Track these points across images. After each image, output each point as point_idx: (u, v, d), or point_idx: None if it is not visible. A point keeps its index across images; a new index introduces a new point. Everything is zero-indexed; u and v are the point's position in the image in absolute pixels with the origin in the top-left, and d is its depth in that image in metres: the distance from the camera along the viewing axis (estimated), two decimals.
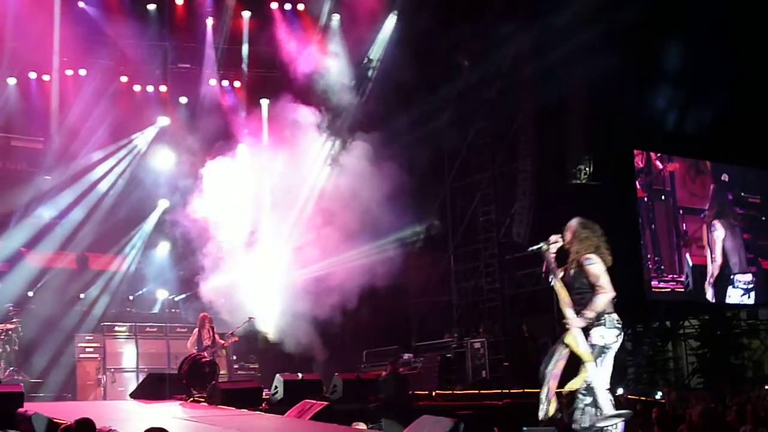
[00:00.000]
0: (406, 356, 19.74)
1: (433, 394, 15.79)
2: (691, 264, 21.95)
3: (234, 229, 19.19)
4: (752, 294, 22.72)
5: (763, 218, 23.49)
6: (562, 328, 7.62)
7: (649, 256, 21.36)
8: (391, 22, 20.99)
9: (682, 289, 21.71)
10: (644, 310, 21.28)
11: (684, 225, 22.30)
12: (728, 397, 16.41)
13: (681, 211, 22.26)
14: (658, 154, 22.10)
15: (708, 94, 20.33)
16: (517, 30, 20.57)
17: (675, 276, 21.69)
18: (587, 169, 21.57)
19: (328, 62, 20.65)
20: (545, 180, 21.17)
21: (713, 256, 22.42)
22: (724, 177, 23.14)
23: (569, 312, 7.64)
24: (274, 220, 20.03)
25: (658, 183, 22.14)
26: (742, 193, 23.52)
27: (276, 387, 13.83)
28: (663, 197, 22.12)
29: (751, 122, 20.42)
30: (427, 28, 19.92)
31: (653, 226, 21.72)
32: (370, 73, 21.17)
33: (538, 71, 20.46)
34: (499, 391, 16.08)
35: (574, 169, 21.57)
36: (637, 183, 21.62)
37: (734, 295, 22.55)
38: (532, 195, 21.18)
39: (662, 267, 21.60)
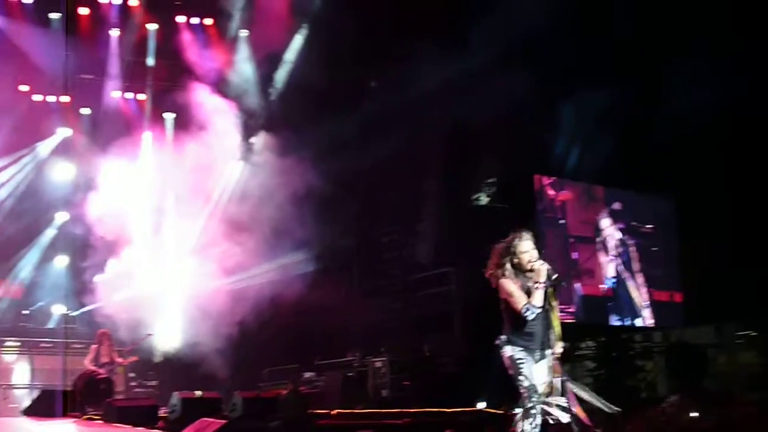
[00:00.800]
0: (307, 375, 19.67)
1: (334, 413, 15.76)
2: (580, 294, 21.44)
3: (135, 241, 18.89)
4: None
5: (654, 248, 23.03)
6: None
7: None
8: (300, 38, 20.98)
9: (572, 320, 21.51)
10: None
11: (575, 254, 21.75)
12: (623, 417, 16.82)
13: (572, 240, 21.74)
14: (551, 180, 21.32)
15: (606, 120, 20.57)
16: (427, 52, 20.76)
17: (564, 306, 21.37)
18: (492, 191, 21.83)
19: (236, 72, 20.59)
20: (451, 201, 21.36)
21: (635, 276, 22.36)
22: (617, 205, 22.55)
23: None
24: (179, 231, 19.77)
25: (551, 210, 21.78)
26: (634, 222, 22.84)
27: (174, 405, 13.63)
28: (555, 224, 21.53)
29: (646, 148, 20.73)
30: (338, 46, 19.97)
31: (543, 252, 21.45)
32: (278, 85, 21.09)
33: (447, 92, 20.66)
34: (400, 410, 16.13)
35: (478, 191, 21.81)
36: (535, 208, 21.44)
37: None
38: (438, 216, 21.35)
39: None
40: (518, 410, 7.34)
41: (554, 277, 7.59)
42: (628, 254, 22.39)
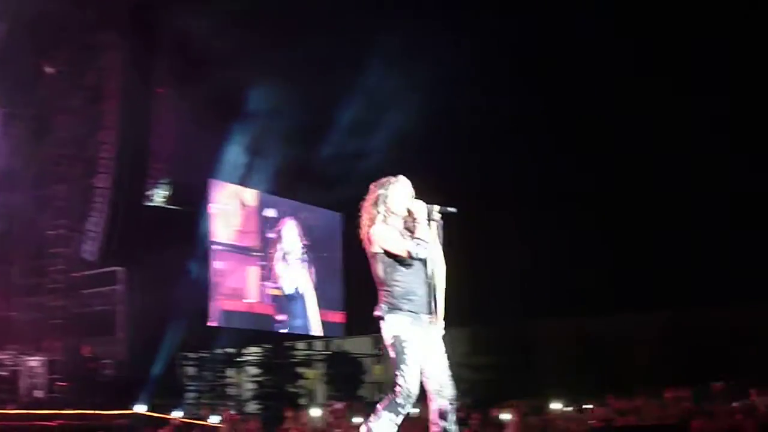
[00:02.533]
0: None
1: None
2: (222, 309, 20.55)
3: None
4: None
5: (322, 256, 23.29)
6: None
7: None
8: None
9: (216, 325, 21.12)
10: (209, 336, 21.60)
11: (218, 263, 20.64)
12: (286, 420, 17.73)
13: (219, 247, 20.74)
14: (224, 184, 21.14)
15: (283, 130, 20.86)
16: (109, 43, 20.35)
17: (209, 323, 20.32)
18: (166, 192, 21.67)
19: None
20: (123, 199, 20.88)
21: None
22: (271, 212, 21.99)
23: None
24: None
25: (220, 216, 21.00)
26: (302, 235, 22.85)
27: None
28: (207, 231, 20.58)
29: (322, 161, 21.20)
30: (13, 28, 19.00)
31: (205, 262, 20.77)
32: None
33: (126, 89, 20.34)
34: (53, 411, 15.73)
35: (152, 191, 21.58)
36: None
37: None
38: (107, 213, 20.78)
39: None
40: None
41: (436, 209, 6.02)
42: (306, 267, 22.74)
